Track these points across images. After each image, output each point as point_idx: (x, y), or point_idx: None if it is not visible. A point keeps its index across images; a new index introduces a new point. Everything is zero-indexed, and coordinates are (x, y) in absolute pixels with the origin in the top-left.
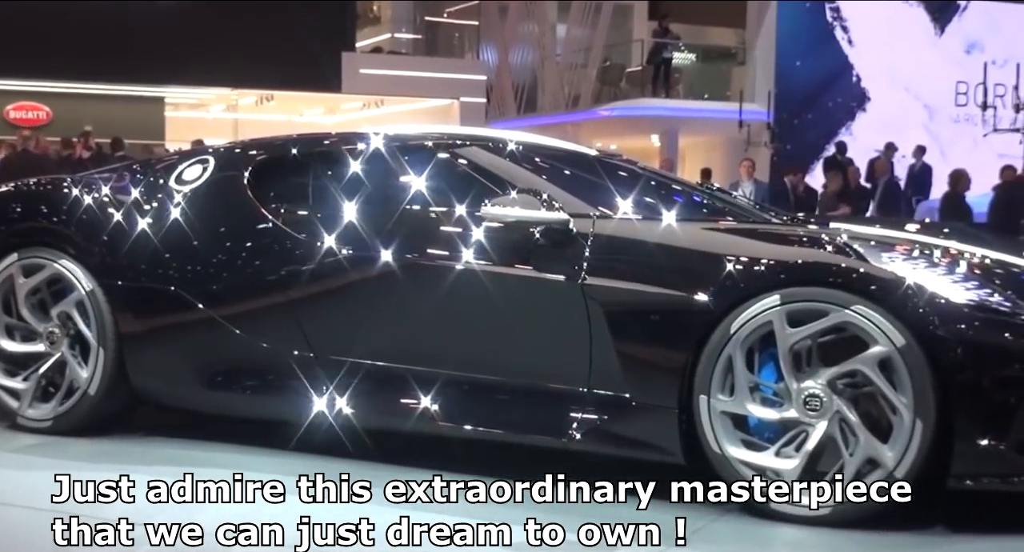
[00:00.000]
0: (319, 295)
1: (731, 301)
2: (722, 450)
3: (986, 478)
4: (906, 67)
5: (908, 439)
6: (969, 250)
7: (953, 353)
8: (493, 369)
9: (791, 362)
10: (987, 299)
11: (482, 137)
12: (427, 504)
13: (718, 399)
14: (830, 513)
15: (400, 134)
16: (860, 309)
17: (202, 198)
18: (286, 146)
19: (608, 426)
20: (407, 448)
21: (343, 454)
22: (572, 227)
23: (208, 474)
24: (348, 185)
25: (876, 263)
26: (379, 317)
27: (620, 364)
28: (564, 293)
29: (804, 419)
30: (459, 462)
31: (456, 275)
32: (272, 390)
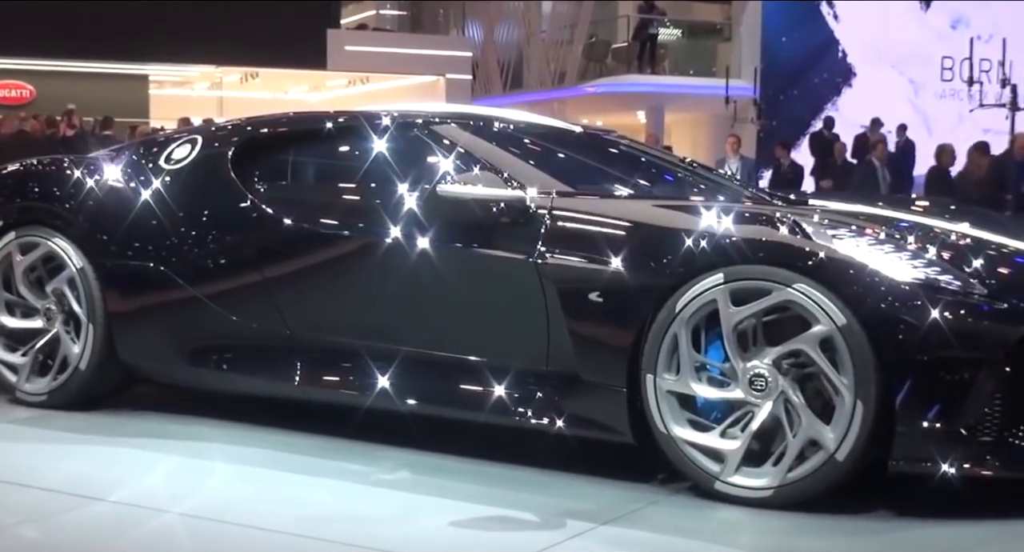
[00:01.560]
0: (292, 273)
1: (676, 279)
2: (668, 430)
3: (928, 461)
4: (892, 42)
5: (849, 421)
6: (944, 228)
7: (894, 333)
8: (455, 347)
9: (736, 341)
10: (935, 278)
11: (459, 114)
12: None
13: (664, 378)
14: (772, 495)
15: (374, 112)
16: (802, 287)
17: (187, 177)
18: (268, 125)
19: (562, 405)
20: (388, 425)
21: (316, 430)
22: (530, 205)
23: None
24: (322, 164)
25: (820, 241)
26: (346, 295)
27: (572, 343)
28: (522, 271)
29: (750, 399)
30: (422, 438)
31: (419, 253)
32: (250, 366)
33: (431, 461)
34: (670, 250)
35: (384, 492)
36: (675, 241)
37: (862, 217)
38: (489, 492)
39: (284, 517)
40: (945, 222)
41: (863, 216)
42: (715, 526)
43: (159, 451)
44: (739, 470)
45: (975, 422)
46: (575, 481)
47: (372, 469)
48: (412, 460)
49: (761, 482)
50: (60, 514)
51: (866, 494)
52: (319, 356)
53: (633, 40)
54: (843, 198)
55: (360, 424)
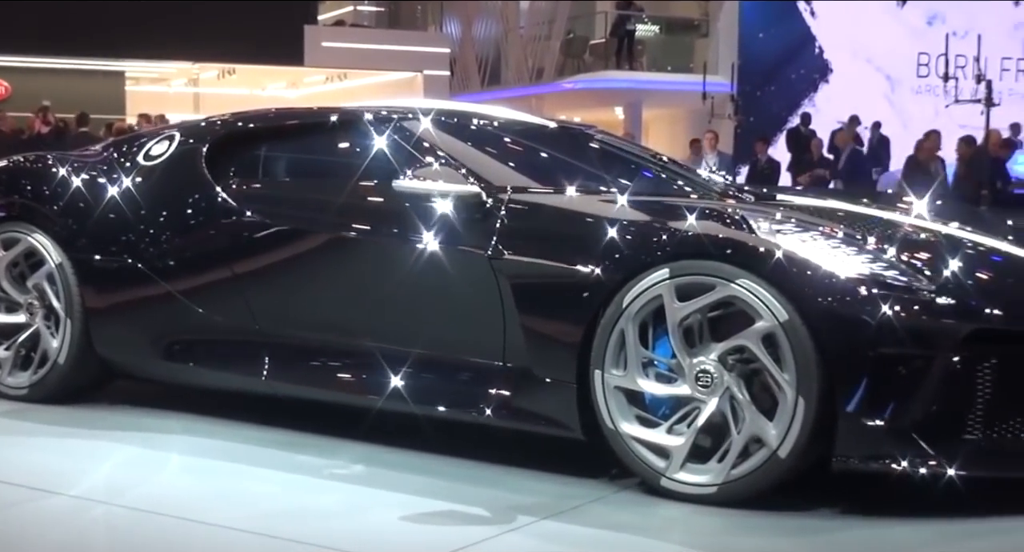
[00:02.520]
0: (259, 268)
1: (624, 275)
2: (615, 426)
3: (871, 459)
4: (868, 38)
5: (791, 417)
6: (916, 226)
7: (836, 328)
8: (415, 342)
9: (681, 337)
10: (880, 273)
11: (432, 110)
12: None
13: (612, 374)
14: (716, 492)
15: (343, 108)
16: (745, 283)
17: (163, 173)
18: (242, 121)
19: (516, 401)
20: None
21: (283, 424)
22: (486, 200)
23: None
24: (292, 160)
25: (764, 236)
26: (310, 290)
27: (525, 338)
28: (477, 267)
29: (696, 395)
30: (382, 432)
31: (379, 248)
32: (220, 361)
33: (388, 455)
34: (617, 245)
35: (337, 486)
36: (622, 236)
37: (826, 213)
38: (442, 486)
39: (231, 511)
40: (920, 220)
41: (828, 212)
42: (655, 523)
43: (123, 443)
44: (685, 466)
45: (921, 419)
46: (528, 475)
47: (328, 463)
48: (369, 454)
49: (705, 479)
50: (10, 507)
51: (815, 492)
52: (286, 351)
53: (611, 36)
54: (826, 195)
55: (325, 418)
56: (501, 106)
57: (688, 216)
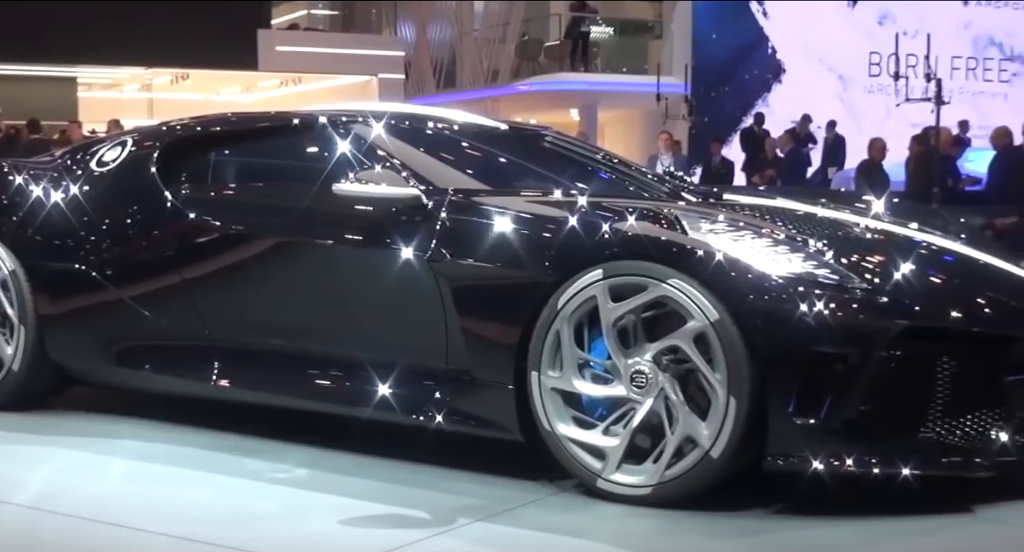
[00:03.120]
0: (208, 273)
1: (558, 276)
2: (552, 427)
3: (804, 459)
4: (820, 38)
5: (723, 417)
6: (865, 226)
7: (766, 327)
8: (360, 346)
9: (616, 338)
10: (812, 272)
11: (384, 113)
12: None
13: (548, 376)
14: (651, 493)
15: (291, 112)
16: (676, 283)
17: (114, 179)
18: (192, 126)
19: (456, 403)
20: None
21: (232, 428)
22: (426, 203)
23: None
24: (241, 164)
25: (695, 236)
26: (257, 294)
27: (464, 340)
28: (419, 270)
29: (631, 396)
30: (328, 434)
31: (323, 252)
32: (170, 366)
33: (332, 458)
34: (552, 247)
35: (278, 490)
36: (557, 237)
37: (770, 213)
38: (385, 488)
39: (166, 518)
40: (872, 219)
41: (773, 212)
42: (588, 524)
43: (68, 448)
44: (621, 467)
45: (853, 418)
46: (470, 477)
47: (272, 467)
48: (314, 457)
49: (640, 480)
50: None
51: (753, 492)
52: (234, 356)
53: (565, 38)
54: (783, 194)
55: (278, 422)
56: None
57: (622, 217)
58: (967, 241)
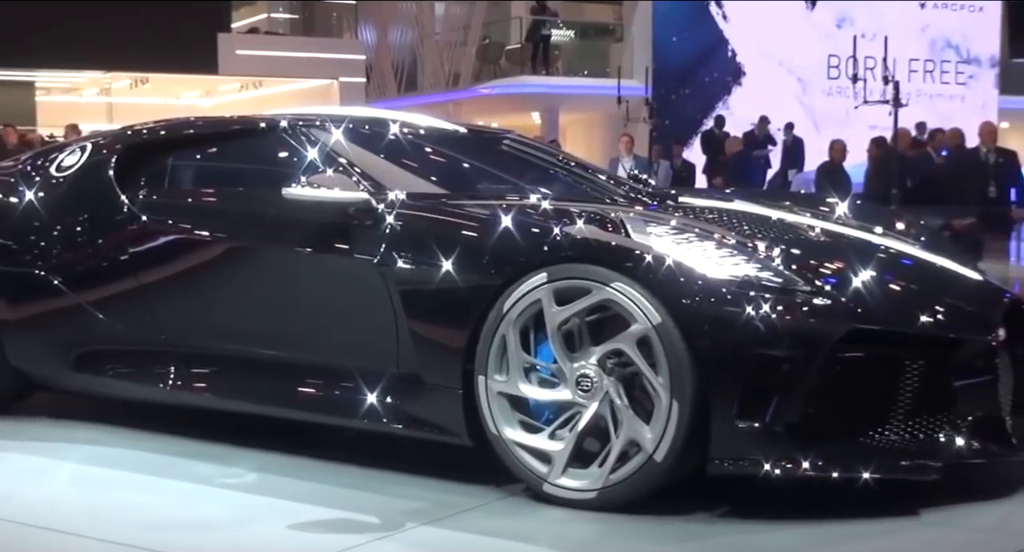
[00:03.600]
0: (163, 278)
1: (504, 279)
2: (499, 431)
3: (747, 462)
4: (779, 41)
5: (666, 421)
6: (800, 224)
7: (707, 330)
8: (311, 351)
9: (561, 341)
10: (755, 275)
11: (342, 116)
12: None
13: (495, 380)
14: (596, 497)
15: (248, 116)
16: (619, 286)
17: (73, 184)
18: (150, 130)
19: (406, 407)
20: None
21: (190, 433)
22: (376, 206)
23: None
24: (197, 168)
25: (640, 239)
26: (211, 299)
27: (414, 344)
28: (368, 274)
29: (577, 400)
30: (284, 439)
31: (276, 257)
32: (128, 372)
33: (285, 462)
34: (499, 250)
35: (228, 495)
36: (504, 241)
37: (724, 216)
38: (333, 492)
39: (112, 524)
40: (829, 222)
41: (727, 214)
42: (532, 529)
43: (20, 453)
44: (567, 472)
45: (797, 421)
46: (421, 481)
47: (222, 471)
48: (266, 461)
49: (585, 484)
50: None
51: (700, 496)
52: (190, 360)
53: (526, 41)
54: (748, 197)
55: (235, 425)
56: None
57: (566, 220)
58: (925, 244)
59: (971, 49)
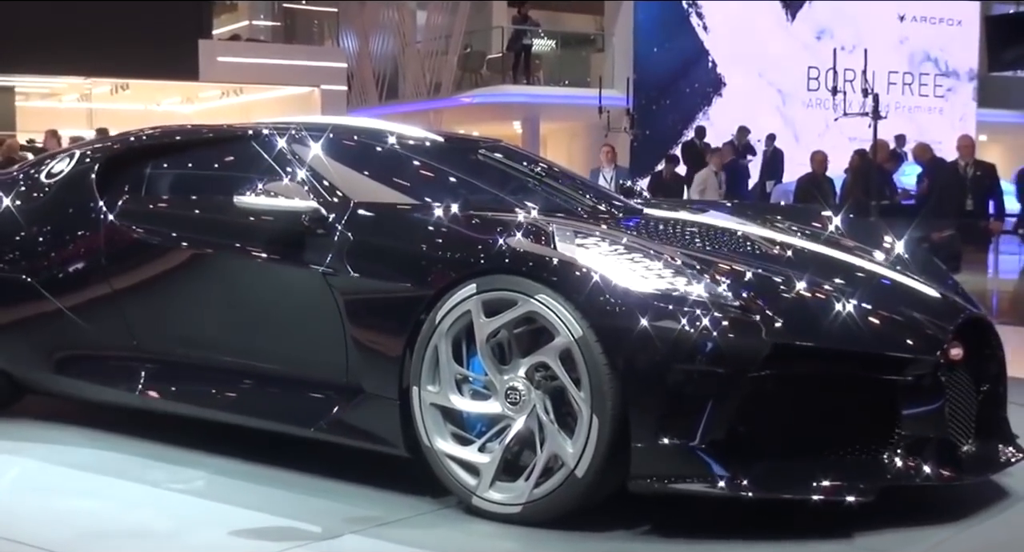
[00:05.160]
0: (134, 284)
1: (437, 290)
2: (431, 443)
3: (669, 480)
4: (759, 53)
5: (586, 436)
6: (760, 239)
7: (628, 344)
8: (266, 359)
9: (490, 353)
10: (681, 288)
11: (319, 125)
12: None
13: (427, 391)
14: (520, 511)
15: (221, 125)
16: (543, 298)
17: (58, 191)
18: (132, 139)
19: (349, 418)
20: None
21: (153, 436)
22: (326, 216)
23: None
24: (173, 177)
25: (565, 250)
26: (177, 306)
27: (356, 354)
28: (317, 283)
29: (506, 413)
30: (240, 445)
31: (233, 265)
32: (102, 376)
33: (238, 468)
34: (433, 260)
35: (175, 500)
36: (438, 251)
37: (677, 228)
38: (280, 499)
39: (48, 531)
40: (794, 237)
41: (681, 226)
42: (453, 542)
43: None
44: (494, 485)
45: (718, 439)
46: (364, 491)
47: (173, 476)
48: (220, 466)
49: (511, 497)
50: None
51: (626, 514)
52: (158, 367)
53: (508, 51)
54: (735, 209)
55: (201, 429)
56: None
57: (497, 230)
58: (894, 260)
59: (949, 62)
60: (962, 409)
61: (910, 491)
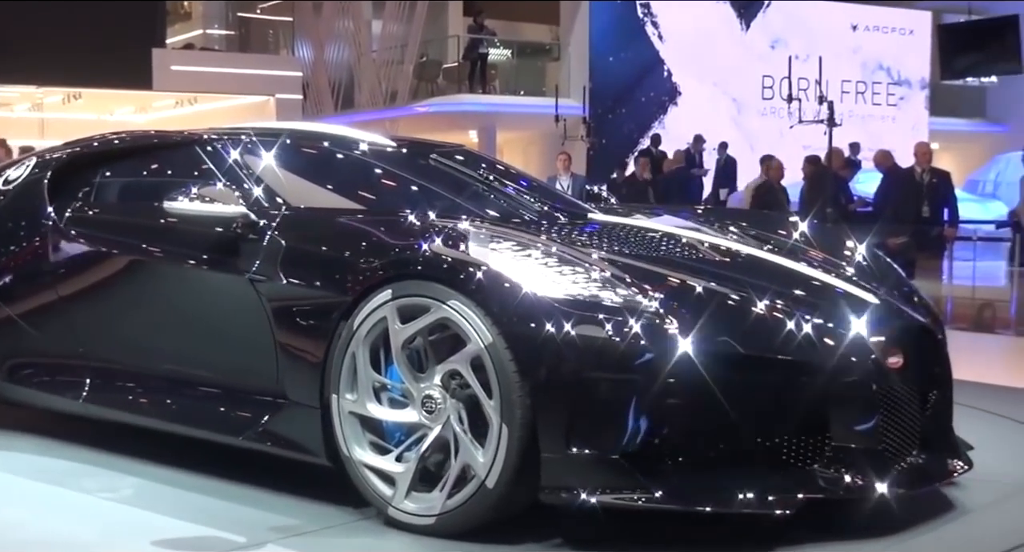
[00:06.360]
0: (79, 292)
1: (355, 296)
2: (350, 452)
3: (580, 492)
4: (714, 62)
5: (496, 445)
6: (701, 244)
7: (536, 352)
8: (202, 366)
9: (406, 361)
10: (593, 294)
11: (263, 130)
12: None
13: (346, 399)
14: (434, 523)
15: (168, 131)
16: (455, 304)
17: (13, 199)
18: (82, 146)
19: (275, 426)
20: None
21: (102, 445)
22: (257, 221)
23: None
24: (119, 184)
25: (478, 255)
26: (116, 313)
27: (284, 361)
28: (246, 290)
29: (423, 421)
30: (179, 453)
31: (169, 271)
32: (51, 383)
33: (172, 476)
34: (351, 266)
35: (104, 509)
36: (356, 257)
37: (615, 233)
38: (209, 508)
39: None
40: (733, 242)
41: (620, 231)
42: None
43: None
44: (409, 495)
45: (637, 450)
46: (292, 500)
47: (106, 485)
48: (155, 474)
49: (425, 508)
50: None
51: (538, 524)
52: (101, 374)
53: (463, 60)
54: (680, 214)
55: (150, 437)
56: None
57: (415, 235)
58: (856, 266)
59: (902, 71)
60: (903, 419)
61: (847, 503)
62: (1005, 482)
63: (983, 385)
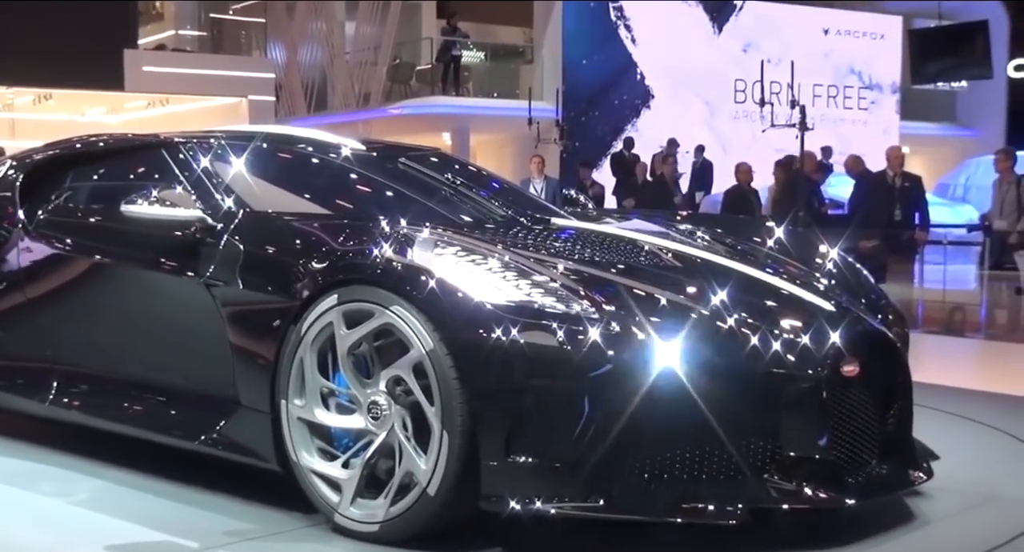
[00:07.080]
0: (46, 294)
1: (303, 301)
2: (298, 458)
3: (519, 500)
4: (687, 65)
5: (437, 452)
6: (660, 250)
7: (476, 358)
8: (160, 370)
9: (352, 367)
10: (536, 300)
11: (235, 133)
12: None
13: (294, 404)
14: (378, 530)
15: (136, 135)
16: (398, 309)
17: None
18: (53, 149)
19: (229, 431)
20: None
21: (69, 448)
22: (214, 225)
23: None
24: (87, 187)
25: (420, 261)
26: (80, 316)
27: (238, 366)
28: (201, 294)
29: (369, 428)
30: (142, 457)
31: (129, 275)
32: (19, 386)
33: (132, 479)
34: (300, 270)
35: (58, 512)
36: (306, 262)
37: (572, 238)
38: (164, 512)
39: None
40: (696, 248)
41: (578, 236)
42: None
43: None
44: (355, 502)
45: (578, 459)
46: (247, 505)
47: (63, 489)
48: (114, 478)
49: (369, 516)
50: None
51: (474, 535)
52: (67, 377)
53: (437, 62)
54: (653, 220)
55: (98, 439)
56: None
57: (363, 240)
58: (826, 272)
59: (873, 75)
60: (860, 428)
61: (804, 513)
62: (971, 491)
63: (953, 389)
